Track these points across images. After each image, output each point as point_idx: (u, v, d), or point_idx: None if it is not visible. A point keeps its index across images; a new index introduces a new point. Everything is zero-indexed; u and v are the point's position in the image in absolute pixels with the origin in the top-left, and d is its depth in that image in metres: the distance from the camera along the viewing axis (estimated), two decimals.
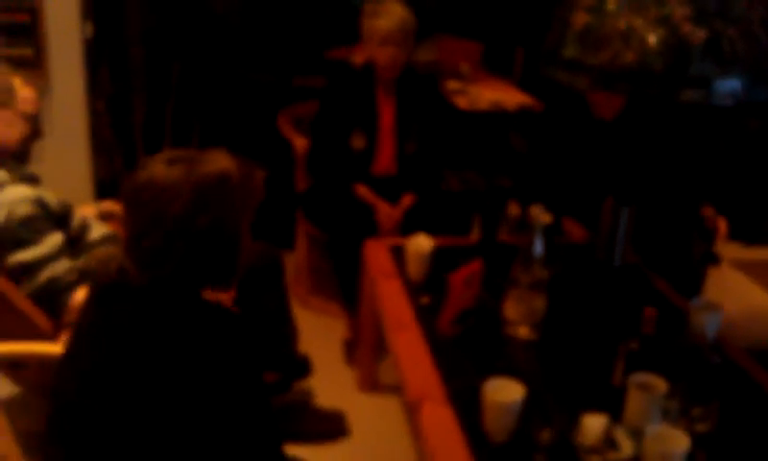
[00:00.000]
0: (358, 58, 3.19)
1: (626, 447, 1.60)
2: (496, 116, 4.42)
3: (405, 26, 2.96)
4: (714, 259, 3.13)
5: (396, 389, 2.84)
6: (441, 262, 2.33)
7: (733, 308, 2.16)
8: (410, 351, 1.96)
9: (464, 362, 1.92)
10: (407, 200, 3.07)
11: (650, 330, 1.87)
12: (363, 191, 3.05)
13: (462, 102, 4.09)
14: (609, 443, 1.60)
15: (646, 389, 1.67)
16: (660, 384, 1.67)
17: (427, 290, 2.26)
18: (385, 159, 3.12)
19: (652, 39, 1.51)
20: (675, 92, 1.49)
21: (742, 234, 3.10)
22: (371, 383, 2.78)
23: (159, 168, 1.31)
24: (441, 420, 1.69)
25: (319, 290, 3.37)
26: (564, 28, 1.65)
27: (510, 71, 5.33)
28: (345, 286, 2.98)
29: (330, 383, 2.77)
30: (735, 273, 3.20)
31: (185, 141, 3.68)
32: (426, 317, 2.11)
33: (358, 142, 3.07)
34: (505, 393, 1.61)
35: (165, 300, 1.30)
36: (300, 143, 3.23)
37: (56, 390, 1.33)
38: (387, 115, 3.10)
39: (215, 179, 1.33)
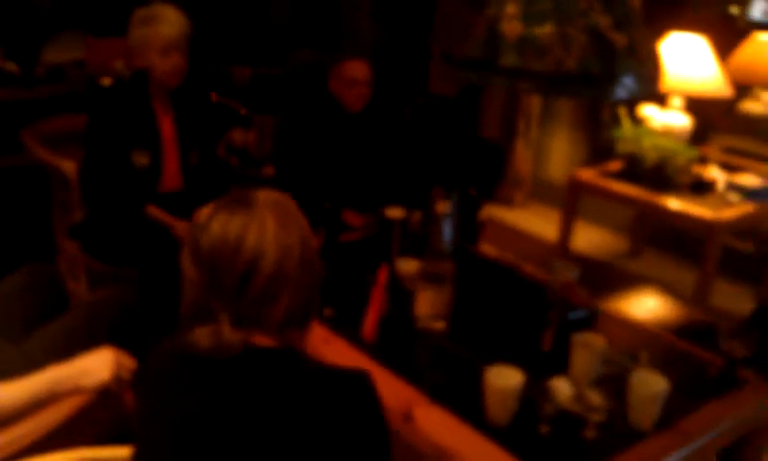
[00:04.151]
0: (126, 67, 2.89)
1: (596, 399, 1.82)
2: None
3: (185, 31, 2.78)
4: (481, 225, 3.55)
5: None
6: None
7: None
8: (355, 363, 1.93)
9: (406, 362, 1.96)
10: None
11: (571, 296, 2.12)
12: (155, 211, 2.79)
13: None
14: (579, 399, 1.82)
15: (588, 346, 1.92)
16: (599, 340, 1.93)
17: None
18: (171, 174, 2.89)
19: (587, 46, 1.73)
20: (609, 92, 1.73)
21: None
22: None
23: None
24: (438, 418, 1.73)
25: None
26: (496, 38, 1.78)
27: None
28: (161, 320, 2.72)
29: None
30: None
31: None
32: (340, 327, 2.09)
33: (141, 159, 2.79)
34: (506, 378, 1.72)
35: (290, 368, 1.17)
36: (68, 167, 2.82)
37: None
38: (167, 127, 2.87)
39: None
